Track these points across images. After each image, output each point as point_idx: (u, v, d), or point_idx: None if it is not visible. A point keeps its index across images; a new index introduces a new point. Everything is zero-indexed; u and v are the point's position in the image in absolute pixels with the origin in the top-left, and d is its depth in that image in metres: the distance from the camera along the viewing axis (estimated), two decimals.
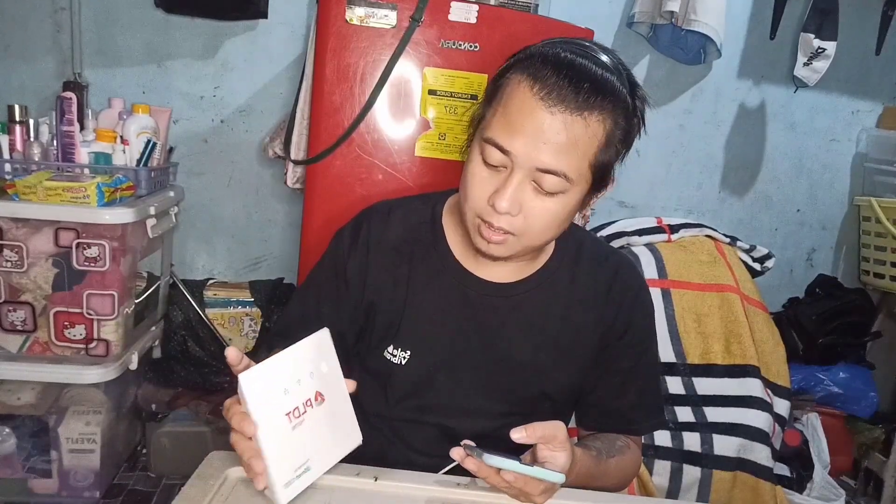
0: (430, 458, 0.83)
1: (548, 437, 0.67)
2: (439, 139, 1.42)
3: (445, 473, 0.73)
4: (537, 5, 1.59)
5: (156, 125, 1.61)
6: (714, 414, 1.50)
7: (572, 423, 0.96)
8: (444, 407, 0.85)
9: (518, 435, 0.66)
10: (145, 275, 1.79)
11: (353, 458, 0.70)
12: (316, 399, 0.64)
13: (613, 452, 0.84)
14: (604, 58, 0.72)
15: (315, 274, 0.89)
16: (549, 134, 0.68)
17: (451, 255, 0.84)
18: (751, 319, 1.59)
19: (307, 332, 0.66)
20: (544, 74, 0.69)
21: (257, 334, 1.90)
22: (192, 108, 1.93)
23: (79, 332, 1.46)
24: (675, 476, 1.44)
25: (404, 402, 0.85)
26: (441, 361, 0.83)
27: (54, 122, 1.49)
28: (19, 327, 1.45)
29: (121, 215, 1.41)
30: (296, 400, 0.63)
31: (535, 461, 0.68)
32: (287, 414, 0.62)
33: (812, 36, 1.95)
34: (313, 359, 0.65)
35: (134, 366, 1.53)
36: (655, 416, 0.92)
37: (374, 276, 0.84)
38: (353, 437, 0.69)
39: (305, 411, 0.63)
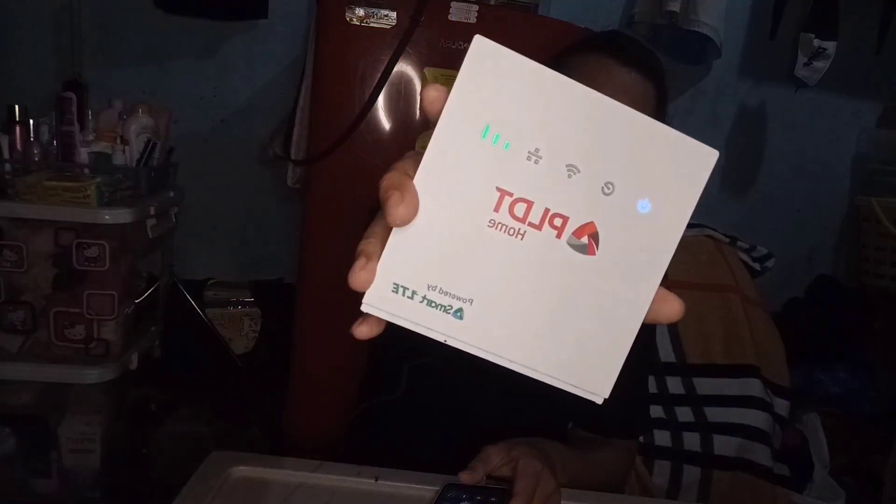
0: (435, 450, 0.83)
1: (487, 460, 0.67)
2: None
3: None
4: (537, 5, 1.59)
5: (156, 125, 1.61)
6: (714, 414, 1.50)
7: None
8: (462, 389, 0.84)
9: (470, 477, 0.66)
10: (145, 275, 1.79)
11: (355, 451, 0.70)
12: (580, 231, 0.30)
13: (592, 448, 0.85)
14: None
15: None
16: (626, 87, 0.75)
17: None
18: (751, 319, 1.59)
19: None
20: (617, 42, 0.78)
21: (257, 334, 1.90)
22: (192, 108, 1.93)
23: (79, 332, 1.46)
24: (675, 476, 1.44)
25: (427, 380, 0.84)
26: None
27: (54, 122, 1.49)
28: (19, 327, 1.45)
29: (121, 215, 1.41)
30: (537, 189, 0.30)
31: (513, 475, 0.68)
32: (496, 202, 0.30)
33: (812, 36, 1.95)
34: (654, 169, 0.31)
35: (134, 366, 1.53)
36: (636, 421, 0.93)
37: None
38: (592, 373, 0.33)
39: (541, 228, 0.30)
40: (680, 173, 0.31)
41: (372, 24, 1.36)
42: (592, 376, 0.33)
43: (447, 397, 0.84)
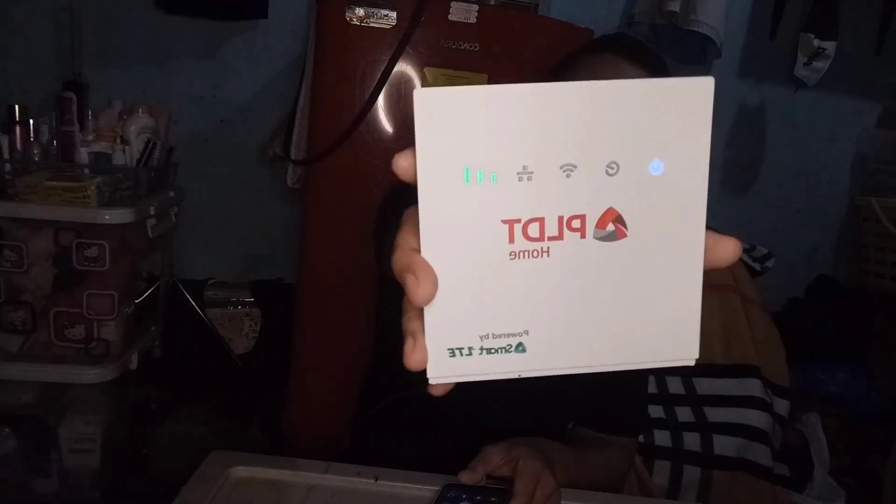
0: (442, 449, 0.83)
1: (487, 460, 0.68)
2: None
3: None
4: (537, 5, 1.60)
5: (156, 125, 1.61)
6: (714, 414, 1.50)
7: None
8: (474, 390, 0.84)
9: (471, 478, 0.66)
10: (145, 275, 1.79)
11: (358, 447, 0.70)
12: (602, 222, 0.29)
13: (591, 448, 0.85)
14: None
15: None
16: None
17: None
18: (751, 319, 1.59)
19: None
20: (625, 42, 0.80)
21: (257, 334, 1.90)
22: (192, 108, 1.93)
23: (79, 332, 1.46)
24: (675, 476, 1.44)
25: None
26: None
27: (54, 122, 1.49)
28: (19, 327, 1.45)
29: (121, 215, 1.41)
30: (542, 204, 0.29)
31: (514, 475, 0.68)
32: (508, 234, 0.29)
33: (812, 36, 1.95)
34: (643, 130, 0.29)
35: (134, 366, 1.53)
36: (636, 420, 0.93)
37: None
38: (674, 342, 0.32)
39: (562, 237, 0.29)
40: (680, 118, 0.29)
41: (372, 24, 1.36)
42: (676, 345, 0.32)
43: (460, 396, 0.85)
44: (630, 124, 0.29)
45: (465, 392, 0.83)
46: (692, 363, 0.32)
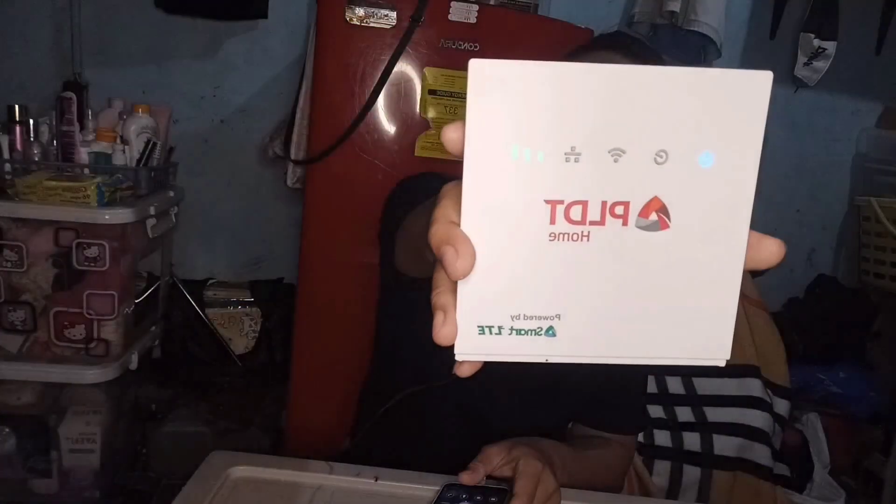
0: (444, 449, 0.82)
1: (487, 460, 0.68)
2: (439, 139, 1.42)
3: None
4: (537, 5, 1.60)
5: (156, 125, 1.61)
6: (714, 414, 1.50)
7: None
8: (476, 389, 0.84)
9: (471, 478, 0.67)
10: (145, 275, 1.80)
11: (358, 447, 0.70)
12: (645, 211, 0.29)
13: (591, 447, 0.85)
14: None
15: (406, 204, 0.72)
16: None
17: None
18: (751, 319, 1.59)
19: None
20: (622, 40, 0.78)
21: (257, 334, 1.90)
22: (192, 108, 1.93)
23: (79, 332, 1.46)
24: (675, 476, 1.44)
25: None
26: None
27: (54, 122, 1.49)
28: (19, 327, 1.45)
29: (121, 215, 1.41)
30: (586, 187, 0.28)
31: (514, 475, 0.68)
32: (550, 215, 0.29)
33: (812, 36, 1.95)
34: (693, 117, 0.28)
35: (134, 366, 1.53)
36: (636, 417, 0.94)
37: None
38: (706, 341, 0.31)
39: (604, 223, 0.29)
40: (735, 110, 0.28)
41: (372, 24, 1.36)
42: (707, 344, 0.30)
43: (461, 396, 0.84)
44: (683, 113, 0.28)
45: (466, 392, 0.83)
46: (723, 364, 0.31)
